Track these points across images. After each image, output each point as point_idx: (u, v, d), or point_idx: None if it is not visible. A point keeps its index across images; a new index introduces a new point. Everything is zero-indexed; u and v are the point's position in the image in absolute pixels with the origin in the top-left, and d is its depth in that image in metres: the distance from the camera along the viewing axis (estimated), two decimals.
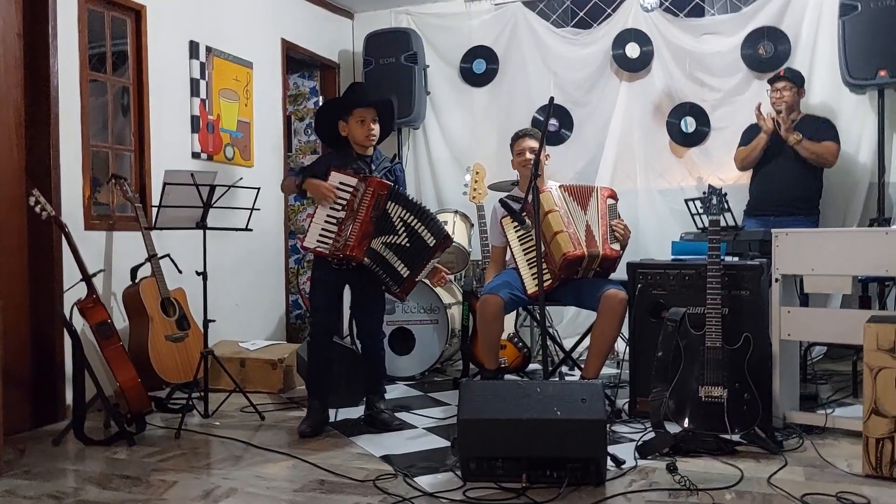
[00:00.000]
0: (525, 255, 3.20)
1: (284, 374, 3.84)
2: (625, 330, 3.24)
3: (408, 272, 3.00)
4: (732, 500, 2.25)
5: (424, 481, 2.42)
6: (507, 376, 3.60)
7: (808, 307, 3.38)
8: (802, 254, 2.90)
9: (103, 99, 3.66)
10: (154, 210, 3.35)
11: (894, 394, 2.40)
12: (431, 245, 3.01)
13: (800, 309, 3.05)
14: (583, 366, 3.26)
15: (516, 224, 3.20)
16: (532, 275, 3.09)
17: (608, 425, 2.83)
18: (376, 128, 3.07)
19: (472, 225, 4.31)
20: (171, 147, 3.90)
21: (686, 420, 2.74)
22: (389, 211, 2.96)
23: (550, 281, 3.13)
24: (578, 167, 4.89)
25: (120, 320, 3.41)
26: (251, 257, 4.43)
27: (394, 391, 3.67)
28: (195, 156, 4.06)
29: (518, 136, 3.45)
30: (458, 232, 4.21)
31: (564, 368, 3.91)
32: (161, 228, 3.34)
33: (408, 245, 2.98)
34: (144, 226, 3.39)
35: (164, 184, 3.24)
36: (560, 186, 3.30)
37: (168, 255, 3.48)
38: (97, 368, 3.06)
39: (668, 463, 2.52)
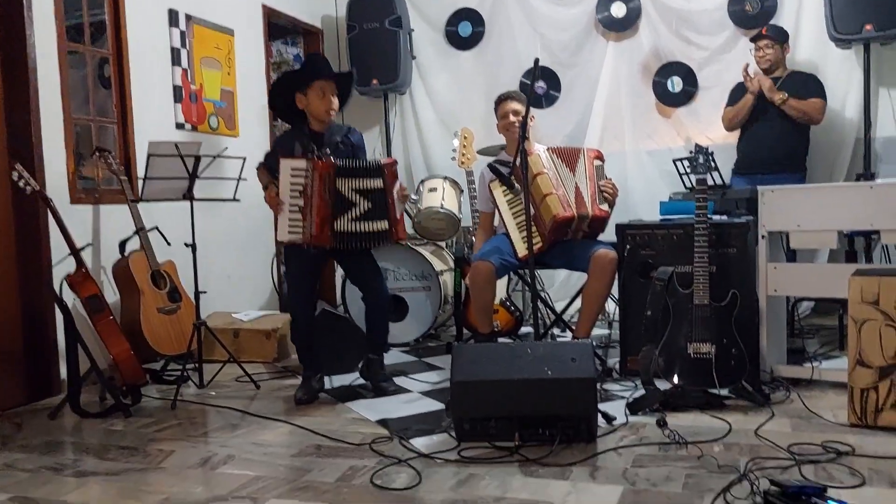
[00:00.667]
0: (515, 218, 3.21)
1: (278, 343, 3.85)
2: (614, 291, 3.27)
3: (385, 222, 2.98)
4: (721, 451, 2.29)
5: (420, 443, 2.46)
6: (500, 339, 3.63)
7: (795, 263, 3.42)
8: (788, 210, 2.92)
9: (83, 71, 3.60)
10: (140, 182, 3.32)
11: (878, 345, 2.44)
12: (383, 186, 2.97)
13: (786, 265, 3.09)
14: (574, 327, 3.30)
15: (505, 188, 3.20)
16: (522, 238, 3.09)
17: (599, 384, 2.88)
18: (336, 101, 3.03)
19: (462, 191, 4.30)
20: (154, 118, 3.85)
21: (675, 376, 2.78)
22: (341, 189, 2.92)
23: (541, 244, 3.15)
24: (567, 130, 4.87)
25: (111, 294, 3.40)
26: (240, 228, 4.41)
27: (388, 357, 3.68)
28: (179, 126, 4.01)
29: (500, 100, 3.41)
30: (447, 198, 4.19)
31: (556, 331, 3.95)
32: (147, 200, 3.32)
33: (371, 205, 2.96)
34: (131, 198, 3.36)
35: (149, 155, 3.21)
36: (548, 149, 3.30)
37: (156, 228, 3.46)
38: (90, 342, 3.06)
39: (657, 418, 2.56)
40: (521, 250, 3.13)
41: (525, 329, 3.95)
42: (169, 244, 3.49)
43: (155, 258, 3.38)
